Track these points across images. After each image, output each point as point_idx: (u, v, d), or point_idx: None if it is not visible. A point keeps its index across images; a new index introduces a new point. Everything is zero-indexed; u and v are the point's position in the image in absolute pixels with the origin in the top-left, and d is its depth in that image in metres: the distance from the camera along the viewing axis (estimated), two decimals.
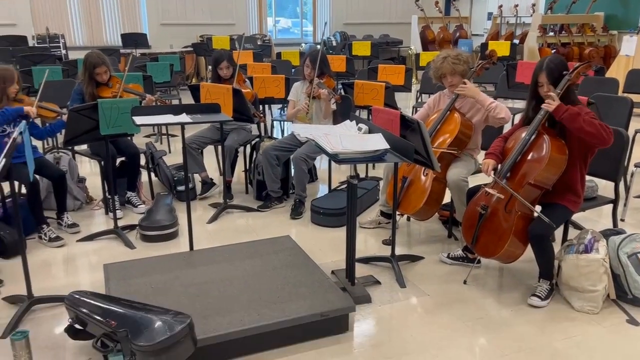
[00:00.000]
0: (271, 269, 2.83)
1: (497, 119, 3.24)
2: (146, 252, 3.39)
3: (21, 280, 2.71)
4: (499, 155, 2.94)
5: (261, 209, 4.15)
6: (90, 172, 4.96)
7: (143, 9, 11.05)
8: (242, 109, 3.97)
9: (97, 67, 3.86)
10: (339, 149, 2.51)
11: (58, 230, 3.62)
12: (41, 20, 10.20)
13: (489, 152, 2.98)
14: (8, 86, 3.37)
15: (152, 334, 2.02)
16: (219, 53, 4.45)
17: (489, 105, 3.26)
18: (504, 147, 2.97)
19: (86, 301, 2.28)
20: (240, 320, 2.33)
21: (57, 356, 2.36)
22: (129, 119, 3.37)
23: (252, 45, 9.72)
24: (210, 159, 5.15)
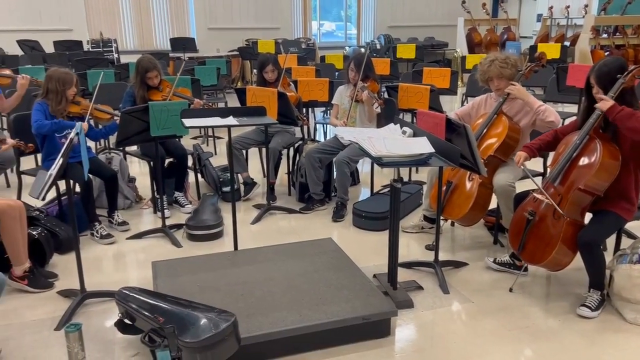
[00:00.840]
0: (313, 270, 2.85)
1: (546, 122, 3.16)
2: (192, 251, 3.47)
3: (74, 275, 2.83)
4: (534, 150, 2.96)
5: (303, 211, 4.18)
6: (139, 172, 5.12)
7: (192, 14, 11.34)
8: (286, 112, 4.02)
9: (148, 71, 3.99)
10: (382, 152, 2.50)
11: (109, 228, 3.76)
12: (95, 26, 10.63)
13: (525, 145, 3.01)
14: (67, 89, 3.53)
15: (198, 331, 2.07)
16: (264, 57, 4.52)
17: (538, 107, 3.18)
18: (547, 142, 2.94)
19: (135, 297, 2.36)
20: (282, 320, 2.36)
21: (107, 349, 2.45)
22: (178, 121, 3.47)
23: (297, 48, 9.81)
24: (254, 161, 5.23)
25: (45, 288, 2.96)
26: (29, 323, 2.66)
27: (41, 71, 5.76)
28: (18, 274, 2.90)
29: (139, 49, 10.73)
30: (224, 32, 11.38)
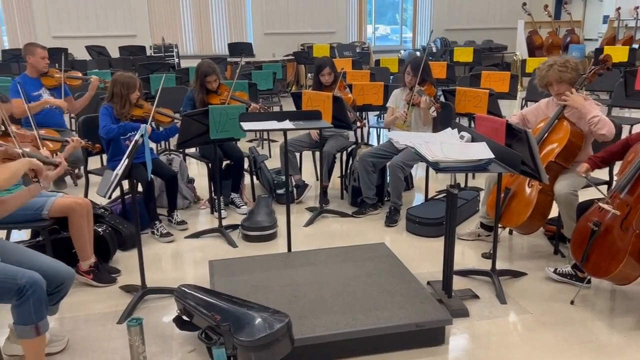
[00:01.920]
0: (366, 275, 2.84)
1: (598, 134, 3.04)
2: (247, 251, 3.54)
3: (136, 271, 2.95)
4: (598, 162, 2.95)
5: (356, 215, 4.18)
6: (197, 174, 5.26)
7: (249, 19, 11.59)
8: (341, 116, 4.03)
9: (208, 75, 4.11)
10: (439, 157, 2.47)
11: (168, 227, 3.89)
12: (158, 31, 11.05)
13: (590, 157, 3.00)
14: (131, 93, 3.68)
15: (253, 330, 2.11)
16: (321, 60, 4.56)
17: (591, 118, 3.04)
18: (614, 153, 2.85)
19: (193, 294, 2.43)
20: (335, 323, 2.36)
21: (165, 344, 2.54)
22: (236, 124, 3.55)
23: (351, 52, 9.83)
24: (307, 164, 5.27)
25: (109, 283, 3.10)
26: (94, 315, 2.79)
27: (107, 75, 6.04)
28: (84, 269, 3.05)
29: (199, 54, 11.06)
30: (279, 36, 11.56)
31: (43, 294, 2.07)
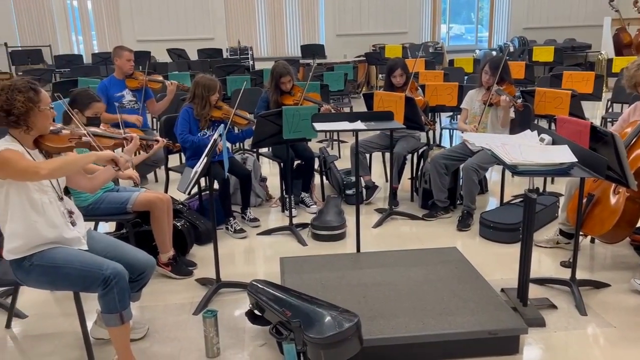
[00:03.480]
0: (436, 279, 2.80)
1: None
2: (316, 250, 3.59)
3: (211, 265, 3.07)
4: None
5: (426, 218, 4.11)
6: (269, 173, 5.38)
7: (322, 21, 11.71)
8: (413, 117, 3.99)
9: (282, 76, 4.20)
10: (518, 160, 2.38)
11: (242, 223, 4.01)
12: (234, 34, 11.42)
13: None
14: (211, 95, 3.83)
15: (323, 328, 2.13)
16: (393, 61, 4.53)
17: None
18: None
19: (265, 290, 2.50)
20: (405, 326, 2.34)
21: (237, 336, 2.62)
22: (308, 124, 3.60)
23: (424, 52, 9.68)
24: (377, 165, 5.25)
25: (186, 275, 3.24)
26: (171, 306, 2.93)
27: (186, 77, 6.33)
28: (163, 261, 3.21)
29: (272, 56, 11.31)
30: (351, 38, 11.59)
31: (126, 284, 2.20)
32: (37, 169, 2.04)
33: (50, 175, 2.11)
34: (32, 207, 2.14)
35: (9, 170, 2.05)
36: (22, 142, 2.16)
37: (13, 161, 2.04)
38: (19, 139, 2.16)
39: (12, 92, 2.08)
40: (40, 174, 2.05)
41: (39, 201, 2.16)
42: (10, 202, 2.12)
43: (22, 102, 2.08)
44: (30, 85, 2.13)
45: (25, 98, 2.09)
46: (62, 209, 2.26)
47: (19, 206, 2.13)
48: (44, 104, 2.17)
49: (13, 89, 2.09)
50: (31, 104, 2.11)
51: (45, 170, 2.05)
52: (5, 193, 2.11)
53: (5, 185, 2.09)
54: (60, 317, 2.86)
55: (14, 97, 2.08)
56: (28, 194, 2.14)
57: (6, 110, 2.08)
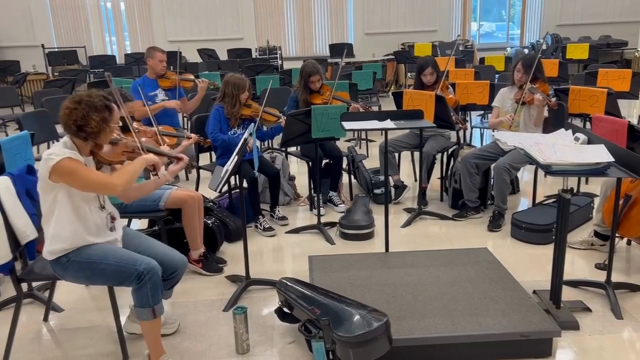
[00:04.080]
0: (467, 280, 2.76)
1: None
2: (344, 249, 3.59)
3: (240, 262, 3.09)
4: None
5: (456, 218, 4.07)
6: (298, 172, 5.40)
7: (350, 20, 11.69)
8: (443, 116, 3.94)
9: (311, 75, 4.21)
10: (552, 160, 2.33)
11: (270, 222, 4.04)
12: (263, 34, 11.51)
13: None
14: (241, 93, 3.87)
15: (351, 327, 2.13)
16: (424, 60, 4.49)
17: None
18: None
19: (294, 287, 2.51)
20: (434, 327, 2.33)
21: (266, 333, 2.64)
22: (337, 123, 3.60)
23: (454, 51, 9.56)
24: (406, 164, 5.22)
25: (216, 272, 3.28)
26: (202, 302, 2.97)
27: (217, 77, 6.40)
28: (194, 258, 3.26)
29: (300, 55, 11.36)
30: (380, 36, 11.54)
31: (159, 279, 2.24)
32: (113, 185, 2.10)
33: (124, 189, 2.16)
34: (76, 214, 2.19)
35: (74, 180, 2.08)
36: (80, 150, 2.20)
37: (82, 172, 2.07)
38: (78, 145, 2.20)
39: (88, 110, 2.10)
40: (116, 190, 2.11)
41: (83, 209, 2.21)
42: (57, 205, 2.17)
43: (96, 121, 2.11)
44: (106, 103, 2.15)
45: (100, 118, 2.12)
46: (104, 216, 2.32)
47: (65, 211, 2.18)
48: (114, 122, 2.20)
49: (91, 106, 2.11)
50: (104, 124, 2.14)
51: (120, 186, 2.11)
52: (54, 196, 2.16)
53: (56, 189, 2.14)
54: (94, 311, 2.93)
55: (90, 115, 2.10)
56: (74, 201, 2.18)
57: (79, 125, 2.11)
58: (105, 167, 2.36)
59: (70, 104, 2.13)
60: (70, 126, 2.13)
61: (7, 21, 11.22)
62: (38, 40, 11.09)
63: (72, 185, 2.13)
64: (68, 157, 2.09)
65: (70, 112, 2.12)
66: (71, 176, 2.08)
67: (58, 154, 2.10)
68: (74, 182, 2.11)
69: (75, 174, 2.08)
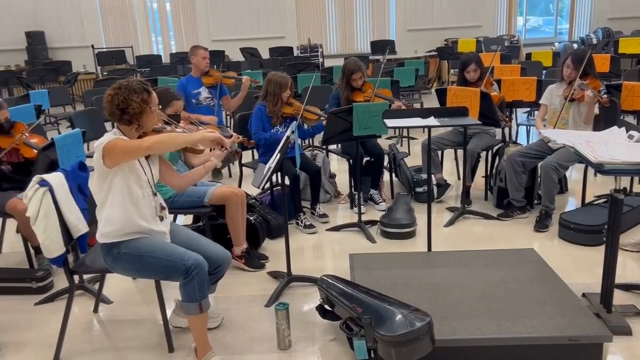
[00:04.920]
0: (512, 281, 2.70)
1: None
2: (385, 247, 3.57)
3: (281, 259, 3.12)
4: None
5: (501, 218, 3.97)
6: (338, 169, 5.40)
7: (392, 17, 11.59)
8: (488, 113, 3.86)
9: (354, 73, 4.19)
10: (604, 158, 2.25)
11: (311, 219, 4.06)
12: (304, 32, 11.55)
13: None
14: (283, 91, 3.90)
15: (393, 326, 2.12)
16: (467, 56, 4.40)
17: None
18: None
19: (336, 285, 2.51)
20: (478, 328, 2.28)
21: (307, 330, 2.66)
22: (379, 121, 3.58)
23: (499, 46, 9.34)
24: (448, 162, 5.14)
25: (258, 268, 3.33)
26: (244, 297, 3.02)
27: (259, 75, 6.47)
28: (237, 254, 3.31)
29: (341, 53, 11.34)
30: (422, 32, 11.39)
31: (205, 275, 2.29)
32: (139, 145, 2.18)
33: (151, 148, 2.20)
34: (129, 198, 2.28)
35: (116, 152, 2.17)
36: (127, 136, 2.29)
37: (120, 143, 2.18)
38: (126, 133, 2.30)
39: (128, 93, 2.22)
40: (143, 145, 2.17)
41: (136, 194, 2.29)
42: (112, 190, 2.26)
43: (137, 102, 2.22)
44: (144, 87, 2.27)
45: (140, 99, 2.23)
46: (155, 203, 2.39)
47: (119, 195, 2.27)
48: (154, 105, 2.31)
49: (130, 89, 2.23)
50: (145, 104, 2.25)
51: (147, 142, 2.18)
52: (110, 182, 2.25)
53: (111, 174, 2.24)
54: (141, 304, 3.02)
55: (131, 97, 2.21)
56: (129, 185, 2.27)
57: (122, 109, 2.22)
58: (154, 156, 2.43)
59: (111, 91, 2.25)
60: (114, 111, 2.24)
61: (60, 23, 11.68)
62: (88, 41, 11.49)
63: (118, 158, 2.19)
64: (114, 137, 2.21)
65: (112, 98, 2.23)
66: (115, 148, 2.17)
67: (106, 139, 2.21)
68: (119, 154, 2.18)
69: (117, 145, 2.17)
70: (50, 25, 11.63)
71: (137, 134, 2.33)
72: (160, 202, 2.44)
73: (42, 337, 2.71)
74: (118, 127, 2.31)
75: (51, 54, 11.55)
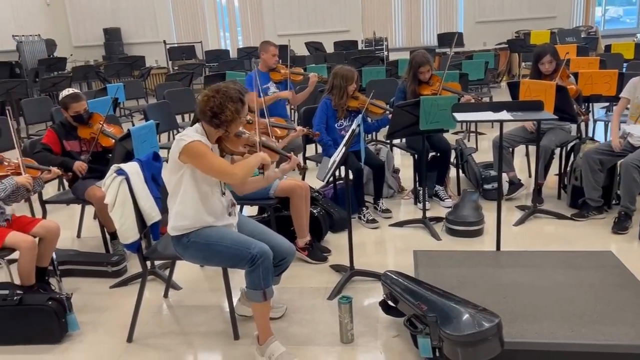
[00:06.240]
0: (588, 284, 2.55)
1: None
2: (450, 245, 3.48)
3: (343, 253, 3.12)
4: None
5: (576, 218, 3.78)
6: (402, 164, 5.32)
7: (460, 8, 11.28)
8: (564, 107, 3.67)
9: (421, 66, 4.11)
10: None
11: (374, 214, 4.02)
12: (369, 26, 11.46)
13: None
14: (349, 85, 3.88)
15: (460, 325, 2.06)
16: (541, 47, 4.20)
17: None
18: None
19: (400, 281, 2.48)
20: (551, 332, 2.18)
21: (370, 325, 2.64)
22: (447, 115, 3.49)
23: (575, 38, 8.88)
24: (519, 159, 4.94)
25: (321, 261, 3.34)
26: (307, 289, 3.04)
27: (323, 69, 6.49)
28: (300, 246, 3.33)
29: (407, 46, 11.17)
30: (492, 24, 11.01)
31: (270, 264, 2.32)
32: (233, 174, 2.24)
33: (242, 180, 2.30)
34: (198, 194, 2.34)
35: (201, 163, 2.24)
36: (209, 137, 2.34)
37: (209, 156, 2.23)
38: (207, 132, 2.35)
39: (225, 99, 2.26)
40: (235, 178, 2.25)
41: (204, 190, 2.36)
42: (182, 185, 2.34)
43: (231, 111, 2.27)
44: (240, 96, 2.30)
45: (234, 108, 2.27)
46: (225, 203, 2.45)
47: (189, 192, 2.34)
48: (244, 115, 2.35)
49: (227, 96, 2.26)
50: (237, 115, 2.29)
51: (239, 176, 2.25)
52: (180, 176, 2.33)
53: (182, 169, 2.31)
54: (208, 292, 3.12)
55: (226, 104, 2.26)
56: (199, 183, 2.34)
57: (215, 112, 2.27)
58: (227, 156, 2.49)
59: (209, 92, 2.29)
60: (207, 112, 2.28)
61: (136, 20, 12.23)
62: (160, 37, 11.96)
63: (197, 166, 2.27)
64: (198, 141, 2.25)
65: (208, 100, 2.27)
66: (198, 158, 2.23)
67: (190, 136, 2.26)
68: (200, 164, 2.25)
69: (202, 157, 2.23)
70: (126, 21, 12.20)
71: (218, 135, 2.37)
72: (231, 199, 2.50)
73: (116, 318, 2.86)
74: (202, 126, 2.35)
75: (126, 49, 12.12)
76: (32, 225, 2.88)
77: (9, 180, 2.80)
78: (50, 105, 6.53)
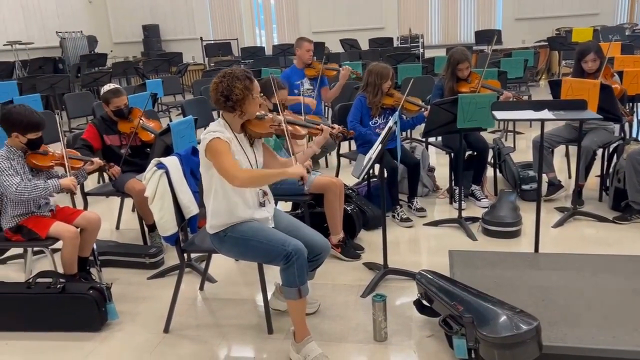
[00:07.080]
0: (631, 290, 2.47)
1: None
2: (486, 246, 3.42)
3: (377, 250, 3.10)
4: None
5: (618, 221, 3.66)
6: (437, 163, 5.25)
7: (499, 5, 11.05)
8: (608, 107, 3.56)
9: (460, 63, 4.04)
10: None
11: (408, 212, 3.99)
12: (405, 23, 11.36)
13: None
14: (384, 82, 3.85)
15: (497, 327, 2.03)
16: (585, 44, 4.08)
17: None
18: None
19: (435, 281, 2.45)
20: (591, 337, 2.12)
21: (404, 324, 2.62)
22: (485, 113, 3.43)
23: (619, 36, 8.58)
24: (558, 159, 4.82)
25: (354, 258, 3.33)
26: (340, 286, 3.04)
27: (358, 67, 6.47)
28: (333, 242, 3.33)
29: (443, 43, 11.03)
30: (532, 22, 10.77)
31: (305, 261, 2.32)
32: (234, 177, 2.24)
33: (242, 186, 2.30)
34: (230, 189, 2.37)
35: (214, 160, 2.28)
36: (232, 126, 2.40)
37: (222, 155, 2.26)
38: (230, 122, 2.40)
39: (232, 80, 2.32)
40: (234, 182, 2.26)
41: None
42: (214, 182, 2.38)
43: (240, 89, 2.32)
44: (246, 74, 2.36)
45: (242, 86, 2.32)
46: (256, 192, 2.47)
47: (220, 188, 2.37)
48: (256, 92, 2.39)
49: (233, 76, 2.33)
50: (247, 91, 2.34)
51: (239, 180, 2.24)
52: (211, 173, 2.36)
53: (212, 167, 2.34)
54: (242, 285, 3.15)
55: (234, 84, 2.31)
56: None
57: (226, 95, 2.32)
58: (258, 143, 2.52)
59: (216, 79, 2.35)
60: (219, 98, 2.33)
61: (174, 17, 12.45)
62: (197, 34, 12.14)
63: (213, 164, 2.30)
64: (217, 138, 2.28)
65: (217, 86, 2.33)
66: (214, 156, 2.27)
67: (211, 131, 2.31)
68: (214, 162, 2.29)
69: (216, 155, 2.27)
70: (164, 19, 12.43)
71: (240, 121, 2.41)
72: (263, 189, 2.52)
73: (153, 309, 2.92)
74: (223, 117, 2.40)
75: (164, 45, 12.36)
76: (74, 216, 2.97)
77: (53, 181, 2.90)
78: (92, 99, 6.72)
